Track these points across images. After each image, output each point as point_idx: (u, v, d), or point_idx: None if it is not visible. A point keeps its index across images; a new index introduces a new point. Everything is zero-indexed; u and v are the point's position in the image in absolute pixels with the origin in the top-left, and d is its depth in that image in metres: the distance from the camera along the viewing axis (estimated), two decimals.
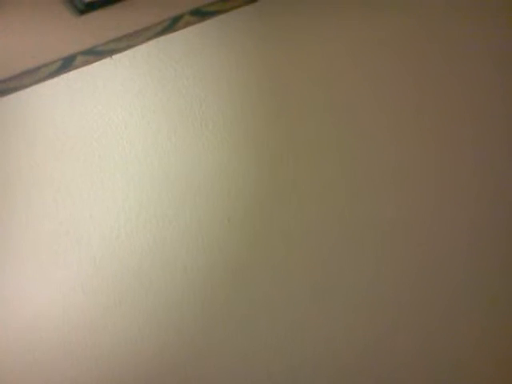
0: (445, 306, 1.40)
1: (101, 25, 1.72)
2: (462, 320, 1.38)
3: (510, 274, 1.37)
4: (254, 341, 1.56)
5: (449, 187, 1.44)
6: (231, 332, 1.58)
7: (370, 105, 1.55)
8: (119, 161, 1.80)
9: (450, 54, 1.47)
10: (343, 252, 1.51)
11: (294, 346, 1.51)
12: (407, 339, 1.42)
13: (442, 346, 1.39)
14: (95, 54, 1.80)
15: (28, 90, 1.89)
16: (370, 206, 1.50)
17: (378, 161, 1.53)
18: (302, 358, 1.50)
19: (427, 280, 1.42)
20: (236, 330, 1.57)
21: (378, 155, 1.52)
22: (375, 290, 1.46)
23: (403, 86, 1.53)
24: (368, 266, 1.47)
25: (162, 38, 1.77)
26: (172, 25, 1.74)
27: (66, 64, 1.82)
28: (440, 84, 1.51)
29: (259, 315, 1.56)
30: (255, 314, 1.57)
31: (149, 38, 1.77)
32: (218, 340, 1.58)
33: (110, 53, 1.80)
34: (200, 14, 1.72)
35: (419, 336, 1.41)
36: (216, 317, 1.59)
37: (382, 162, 1.51)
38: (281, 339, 1.54)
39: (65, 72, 1.84)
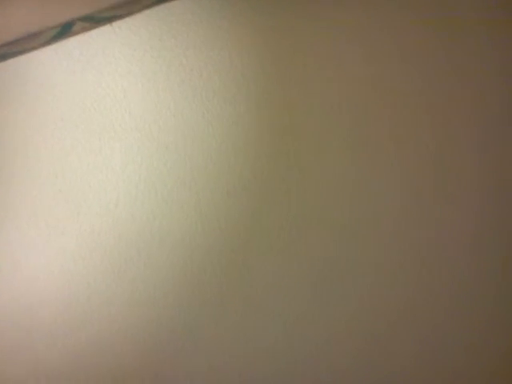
0: (447, 307, 1.40)
1: None
2: (464, 322, 1.39)
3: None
4: (252, 316, 1.57)
5: (453, 186, 1.42)
6: (228, 306, 1.59)
7: (376, 95, 1.52)
8: (118, 130, 1.78)
9: (455, 45, 1.45)
10: (346, 247, 1.50)
11: (291, 343, 1.53)
12: (407, 341, 1.43)
13: (442, 348, 1.40)
14: (94, 20, 1.76)
15: (25, 57, 1.86)
16: (375, 201, 1.49)
17: (382, 155, 1.50)
18: (299, 356, 1.51)
19: (430, 279, 1.42)
20: (233, 304, 1.58)
21: (381, 150, 1.50)
22: (376, 288, 1.46)
23: (410, 81, 1.50)
24: (370, 264, 1.47)
25: (163, 6, 1.73)
26: None
27: (64, 30, 1.79)
28: (447, 81, 1.48)
29: (258, 294, 1.57)
30: (253, 292, 1.57)
31: (149, 6, 1.74)
32: (215, 314, 1.60)
33: (110, 20, 1.77)
34: None
35: (419, 337, 1.42)
36: (213, 292, 1.60)
37: (387, 157, 1.49)
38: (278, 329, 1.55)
39: (63, 38, 1.81)
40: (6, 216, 1.90)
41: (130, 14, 1.74)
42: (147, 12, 1.74)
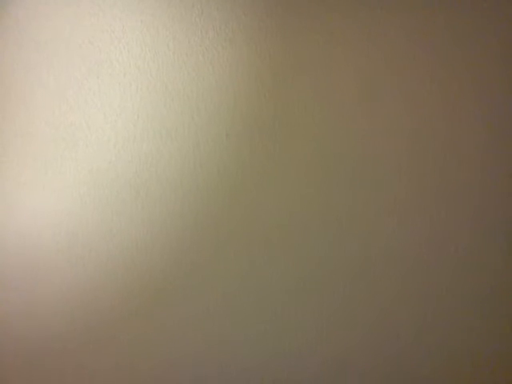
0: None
1: None
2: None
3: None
4: (250, 255, 1.58)
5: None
6: (225, 247, 1.59)
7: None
8: (117, 67, 1.74)
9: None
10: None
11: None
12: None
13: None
14: None
15: None
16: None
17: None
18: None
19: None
20: (230, 246, 1.59)
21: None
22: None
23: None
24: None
25: None
26: None
27: None
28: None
29: (256, 235, 1.57)
30: (251, 234, 1.58)
31: None
32: (211, 256, 1.60)
33: None
34: None
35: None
36: (209, 233, 1.60)
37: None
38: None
39: None
40: (3, 154, 1.88)
41: None
42: None
